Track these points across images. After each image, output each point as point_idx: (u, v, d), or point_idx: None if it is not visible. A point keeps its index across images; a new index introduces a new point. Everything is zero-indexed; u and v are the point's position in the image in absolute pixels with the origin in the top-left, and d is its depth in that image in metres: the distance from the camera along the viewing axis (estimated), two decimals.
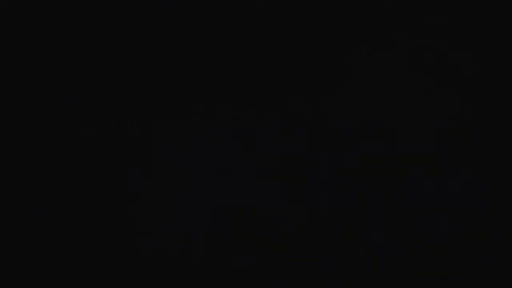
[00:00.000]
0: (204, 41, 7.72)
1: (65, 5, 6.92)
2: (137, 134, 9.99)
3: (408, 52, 7.65)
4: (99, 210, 9.56)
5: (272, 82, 8.27)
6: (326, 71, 8.06)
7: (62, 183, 9.09)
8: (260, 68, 8.14)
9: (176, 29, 7.54)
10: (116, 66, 7.98)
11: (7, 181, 7.32)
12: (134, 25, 7.38)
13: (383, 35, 7.66)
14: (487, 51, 7.17)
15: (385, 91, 7.82)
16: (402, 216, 7.83)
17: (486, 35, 7.13)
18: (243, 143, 9.53)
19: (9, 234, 7.12)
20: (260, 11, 7.19)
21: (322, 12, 7.40)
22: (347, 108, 8.13)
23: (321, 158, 8.72)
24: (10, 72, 7.26)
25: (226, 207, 9.54)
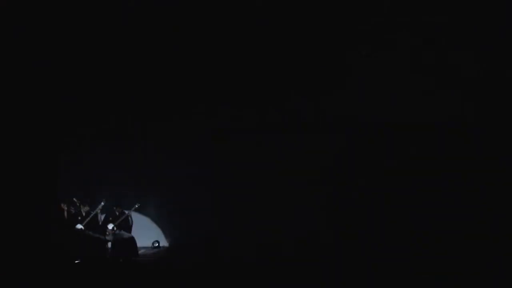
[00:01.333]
0: (204, 41, 7.69)
1: (65, 5, 6.90)
2: (137, 134, 9.94)
3: (408, 52, 7.62)
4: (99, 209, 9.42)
5: (272, 82, 8.24)
6: (326, 71, 8.03)
7: (62, 182, 9.02)
8: (260, 68, 8.10)
9: (176, 29, 7.52)
10: (116, 66, 7.95)
11: (7, 180, 7.27)
12: (134, 25, 7.36)
13: (383, 35, 7.63)
14: (487, 51, 7.14)
15: (385, 91, 7.80)
16: (402, 216, 7.78)
17: (486, 35, 7.11)
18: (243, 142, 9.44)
19: (8, 233, 7.07)
20: (260, 11, 7.17)
21: (322, 13, 7.37)
22: (347, 108, 8.12)
23: (321, 157, 8.66)
24: (10, 72, 7.23)
25: (226, 206, 9.42)
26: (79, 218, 9.32)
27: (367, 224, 8.09)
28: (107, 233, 9.41)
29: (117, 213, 9.71)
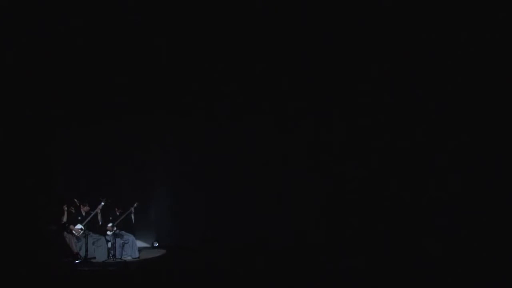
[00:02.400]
0: (204, 41, 7.70)
1: (65, 5, 6.91)
2: (136, 134, 9.91)
3: (403, 53, 7.59)
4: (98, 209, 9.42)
5: (272, 82, 8.23)
6: (326, 71, 8.03)
7: (62, 182, 9.00)
8: (260, 68, 8.10)
9: (176, 29, 7.52)
10: (116, 66, 7.95)
11: (7, 180, 7.28)
12: (134, 25, 7.36)
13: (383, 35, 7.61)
14: (487, 51, 7.13)
15: (384, 91, 7.79)
16: (402, 216, 7.78)
17: (486, 35, 7.09)
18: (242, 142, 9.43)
19: (8, 233, 7.08)
20: (260, 11, 7.17)
21: (322, 13, 7.37)
22: (347, 108, 8.12)
23: (321, 157, 8.65)
24: (10, 72, 7.23)
25: (226, 206, 9.42)
26: (79, 218, 9.32)
27: (367, 224, 8.09)
28: (107, 233, 9.41)
29: (118, 213, 9.71)
